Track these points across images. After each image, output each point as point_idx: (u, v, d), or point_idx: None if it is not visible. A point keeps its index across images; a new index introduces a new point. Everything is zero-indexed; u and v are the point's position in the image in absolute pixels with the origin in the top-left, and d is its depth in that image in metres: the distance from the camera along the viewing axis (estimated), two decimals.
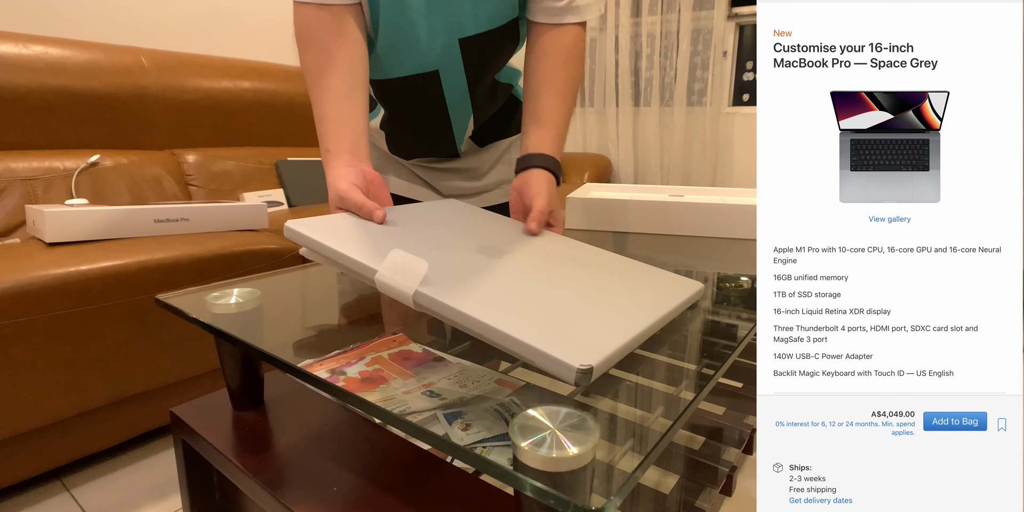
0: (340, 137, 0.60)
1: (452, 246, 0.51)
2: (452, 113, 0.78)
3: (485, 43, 0.72)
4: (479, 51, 0.72)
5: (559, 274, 0.49)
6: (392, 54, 0.71)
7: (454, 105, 0.77)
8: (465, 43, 0.71)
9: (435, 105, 0.76)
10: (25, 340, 0.94)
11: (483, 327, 0.37)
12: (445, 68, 0.72)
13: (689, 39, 2.39)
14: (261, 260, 1.25)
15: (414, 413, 0.37)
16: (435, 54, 0.71)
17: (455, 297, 0.40)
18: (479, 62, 0.73)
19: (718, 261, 0.70)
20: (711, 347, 0.43)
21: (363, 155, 0.61)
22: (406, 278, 0.41)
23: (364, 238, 0.49)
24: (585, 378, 0.33)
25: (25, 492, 1.06)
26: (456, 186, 0.88)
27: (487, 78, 0.77)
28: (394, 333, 0.48)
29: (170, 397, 1.18)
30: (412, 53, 0.70)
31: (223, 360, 0.55)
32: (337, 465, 0.47)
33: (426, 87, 0.74)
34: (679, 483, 0.54)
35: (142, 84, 1.66)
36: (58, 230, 1.10)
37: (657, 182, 2.60)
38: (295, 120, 2.08)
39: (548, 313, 0.40)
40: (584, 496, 0.27)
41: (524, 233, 0.60)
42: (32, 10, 1.64)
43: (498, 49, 0.74)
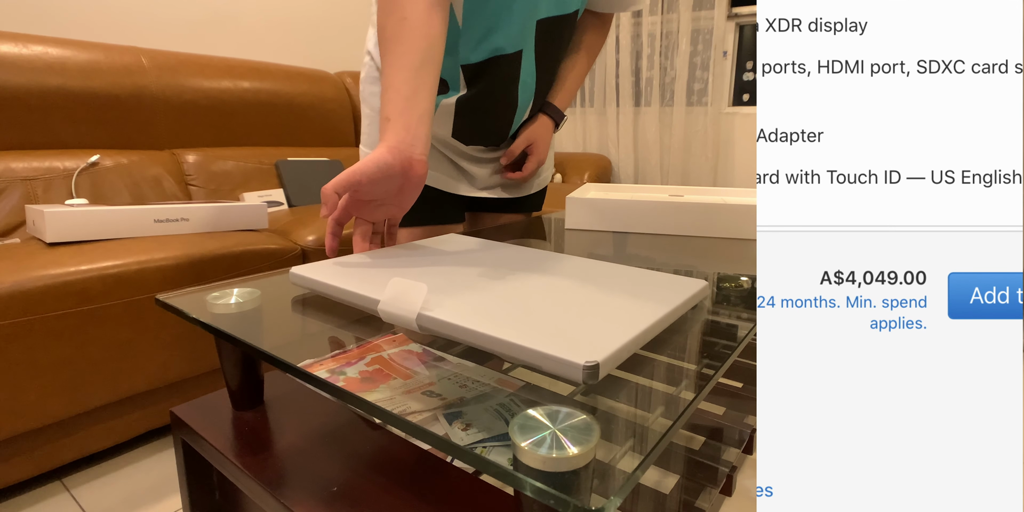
0: (403, 110, 0.57)
1: (451, 272, 0.53)
2: (520, 97, 0.81)
3: (553, 28, 0.76)
4: (548, 35, 0.77)
5: (560, 285, 0.49)
6: (486, 32, 0.73)
7: (523, 89, 0.80)
8: (540, 24, 0.75)
9: (510, 88, 0.79)
10: (25, 340, 0.94)
11: (486, 339, 0.38)
12: (526, 49, 0.76)
13: (689, 39, 2.39)
14: (261, 260, 1.25)
15: (414, 413, 0.37)
16: (520, 34, 0.74)
17: (456, 315, 0.41)
18: (546, 47, 0.78)
19: (718, 261, 0.70)
20: (711, 347, 0.43)
21: (420, 133, 0.57)
22: (407, 303, 0.42)
23: (365, 274, 0.52)
24: (592, 375, 0.33)
25: (25, 492, 1.06)
26: (487, 177, 0.92)
27: (548, 66, 0.82)
28: (394, 333, 0.48)
29: (170, 397, 1.18)
30: (504, 33, 0.73)
31: (223, 360, 0.55)
32: (337, 465, 0.47)
33: (509, 68, 0.77)
34: (679, 483, 0.54)
35: (142, 84, 1.66)
36: (58, 230, 1.10)
37: (657, 182, 2.60)
38: (295, 120, 2.08)
39: (550, 319, 0.41)
40: (584, 496, 0.27)
41: (520, 256, 0.60)
42: (32, 10, 1.64)
43: (560, 37, 0.79)
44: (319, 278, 0.51)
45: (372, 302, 0.46)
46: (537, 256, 0.61)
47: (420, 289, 0.42)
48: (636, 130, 2.62)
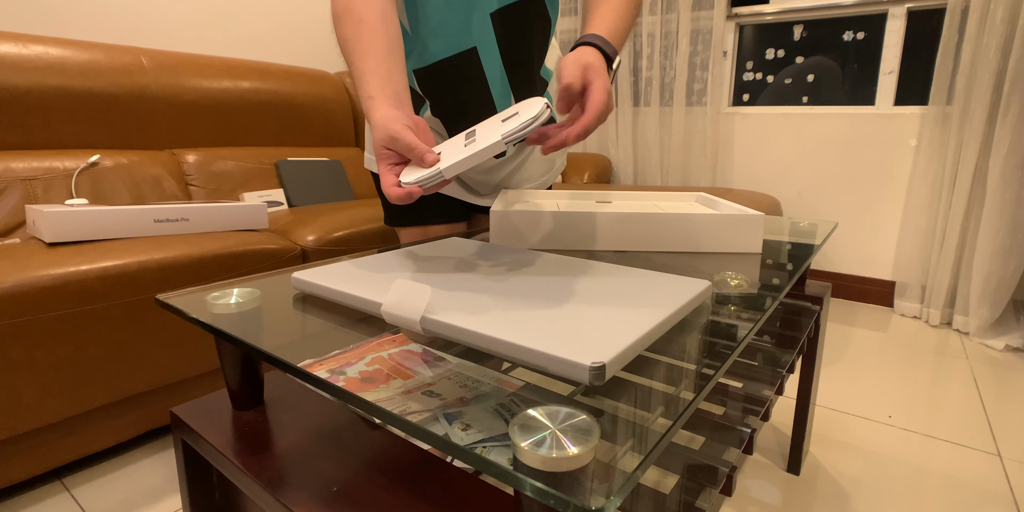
0: (384, 85, 0.58)
1: (453, 275, 0.53)
2: (495, 94, 0.79)
3: (514, 17, 0.74)
4: (510, 26, 0.75)
5: (563, 287, 0.49)
6: (429, 34, 0.73)
7: (496, 88, 0.79)
8: (496, 17, 0.73)
9: (479, 87, 0.78)
10: (25, 340, 0.94)
11: (491, 341, 0.38)
12: (482, 45, 0.75)
13: (689, 39, 2.39)
14: (261, 260, 1.25)
15: (414, 413, 0.37)
16: (470, 30, 0.73)
17: (460, 317, 0.41)
18: (511, 38, 0.76)
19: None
20: (711, 347, 0.43)
21: (407, 102, 0.59)
22: (411, 305, 0.42)
23: (366, 277, 0.52)
24: (599, 376, 0.33)
25: (25, 492, 1.06)
26: (491, 182, 0.91)
27: (522, 59, 0.79)
28: (394, 333, 0.48)
29: (170, 397, 1.18)
30: (449, 31, 0.73)
31: (223, 360, 0.55)
32: (337, 465, 0.47)
33: (468, 68, 0.76)
34: (679, 483, 0.54)
35: (142, 84, 1.66)
36: (58, 230, 1.10)
37: (657, 182, 2.60)
38: (295, 120, 2.08)
39: (555, 321, 0.41)
40: (584, 496, 0.27)
41: (522, 258, 0.60)
42: (32, 10, 1.64)
43: (526, 25, 0.76)
44: (321, 283, 0.52)
45: (375, 306, 0.46)
46: (539, 258, 0.61)
47: (424, 291, 0.42)
48: (636, 130, 2.62)
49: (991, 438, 1.26)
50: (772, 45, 2.35)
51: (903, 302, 2.11)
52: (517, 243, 0.75)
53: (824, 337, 1.12)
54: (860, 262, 2.25)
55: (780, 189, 2.37)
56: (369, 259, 0.60)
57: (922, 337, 1.89)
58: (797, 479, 1.11)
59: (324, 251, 1.39)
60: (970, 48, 1.81)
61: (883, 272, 2.21)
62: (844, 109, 2.19)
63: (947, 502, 1.04)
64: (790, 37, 2.30)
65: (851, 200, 2.22)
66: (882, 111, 2.10)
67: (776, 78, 2.36)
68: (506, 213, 0.73)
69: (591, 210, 0.75)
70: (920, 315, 2.09)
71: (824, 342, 1.78)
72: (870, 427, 1.31)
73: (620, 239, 0.74)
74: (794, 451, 1.12)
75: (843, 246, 2.28)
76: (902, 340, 1.86)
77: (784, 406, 1.42)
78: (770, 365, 0.80)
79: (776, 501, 1.04)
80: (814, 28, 2.25)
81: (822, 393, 1.48)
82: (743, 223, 0.72)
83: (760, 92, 2.41)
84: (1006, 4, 1.71)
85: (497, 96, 0.79)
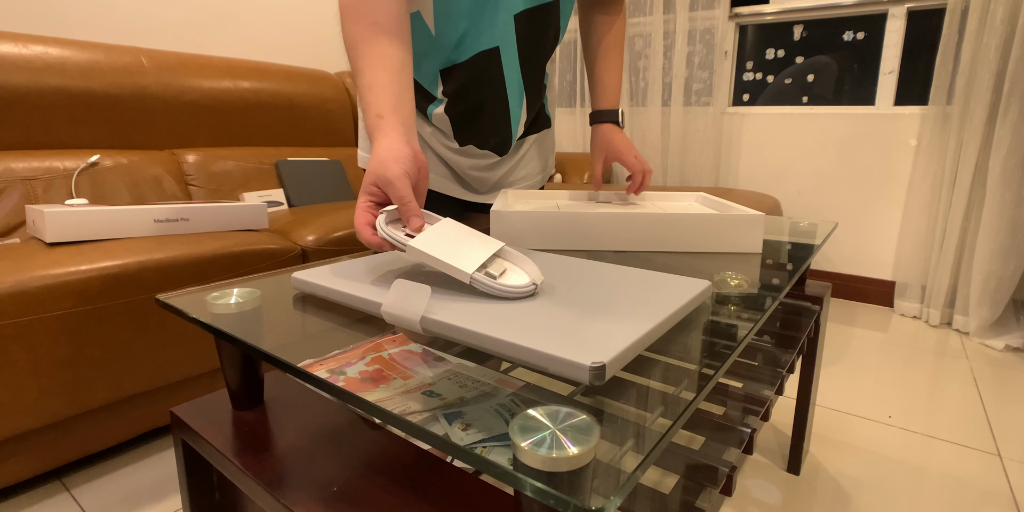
0: (397, 107, 0.57)
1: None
2: (510, 93, 0.81)
3: (534, 20, 0.76)
4: (530, 28, 0.77)
5: (563, 287, 0.49)
6: (462, 34, 0.74)
7: (511, 85, 0.80)
8: (519, 18, 0.75)
9: (496, 86, 0.79)
10: (25, 340, 0.94)
11: (491, 341, 0.38)
12: (504, 45, 0.76)
13: (689, 39, 2.39)
14: (261, 260, 1.25)
15: (414, 413, 0.37)
16: (495, 30, 0.74)
17: (460, 317, 0.41)
18: (529, 40, 0.78)
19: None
20: (711, 347, 0.43)
21: (414, 131, 0.58)
22: (411, 305, 0.42)
23: (366, 277, 0.53)
24: (599, 376, 0.33)
25: (25, 492, 1.06)
26: (490, 180, 0.91)
27: (536, 61, 0.81)
28: (394, 333, 0.48)
29: (170, 397, 1.18)
30: (477, 31, 0.74)
31: (223, 360, 0.55)
32: (337, 465, 0.47)
33: (489, 67, 0.77)
34: (679, 483, 0.54)
35: (142, 84, 1.66)
36: (58, 230, 1.10)
37: (658, 182, 2.60)
38: (295, 120, 2.08)
39: (555, 321, 0.41)
40: (584, 496, 0.27)
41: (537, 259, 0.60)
42: (32, 10, 1.64)
43: (544, 27, 0.78)
44: (321, 283, 0.52)
45: (375, 306, 0.46)
46: (539, 258, 0.61)
47: (423, 291, 0.42)
48: (636, 130, 2.61)
49: (991, 438, 1.26)
50: (772, 45, 2.35)
51: (903, 302, 2.11)
52: (517, 243, 0.75)
53: (824, 337, 1.12)
54: (860, 262, 2.25)
55: (780, 189, 2.37)
56: (369, 259, 0.60)
57: (922, 337, 1.89)
58: (797, 479, 1.11)
59: (324, 251, 1.39)
60: (970, 48, 1.81)
61: (883, 272, 2.21)
62: (844, 109, 2.19)
63: (947, 502, 1.04)
64: (790, 37, 2.30)
65: (851, 200, 2.22)
66: (882, 111, 2.10)
67: (776, 78, 2.36)
68: (506, 213, 0.73)
69: (591, 210, 0.75)
70: (920, 315, 2.09)
71: (824, 342, 1.78)
72: (870, 427, 1.31)
73: (620, 239, 0.74)
74: (794, 451, 1.12)
75: (843, 246, 2.28)
76: (902, 340, 1.86)
77: (784, 406, 1.42)
78: (770, 365, 0.80)
79: (776, 501, 1.04)
80: (814, 28, 2.25)
81: (822, 393, 1.48)
82: (743, 223, 0.72)
83: (760, 92, 2.41)
84: (1006, 4, 1.72)
85: (511, 96, 0.81)
